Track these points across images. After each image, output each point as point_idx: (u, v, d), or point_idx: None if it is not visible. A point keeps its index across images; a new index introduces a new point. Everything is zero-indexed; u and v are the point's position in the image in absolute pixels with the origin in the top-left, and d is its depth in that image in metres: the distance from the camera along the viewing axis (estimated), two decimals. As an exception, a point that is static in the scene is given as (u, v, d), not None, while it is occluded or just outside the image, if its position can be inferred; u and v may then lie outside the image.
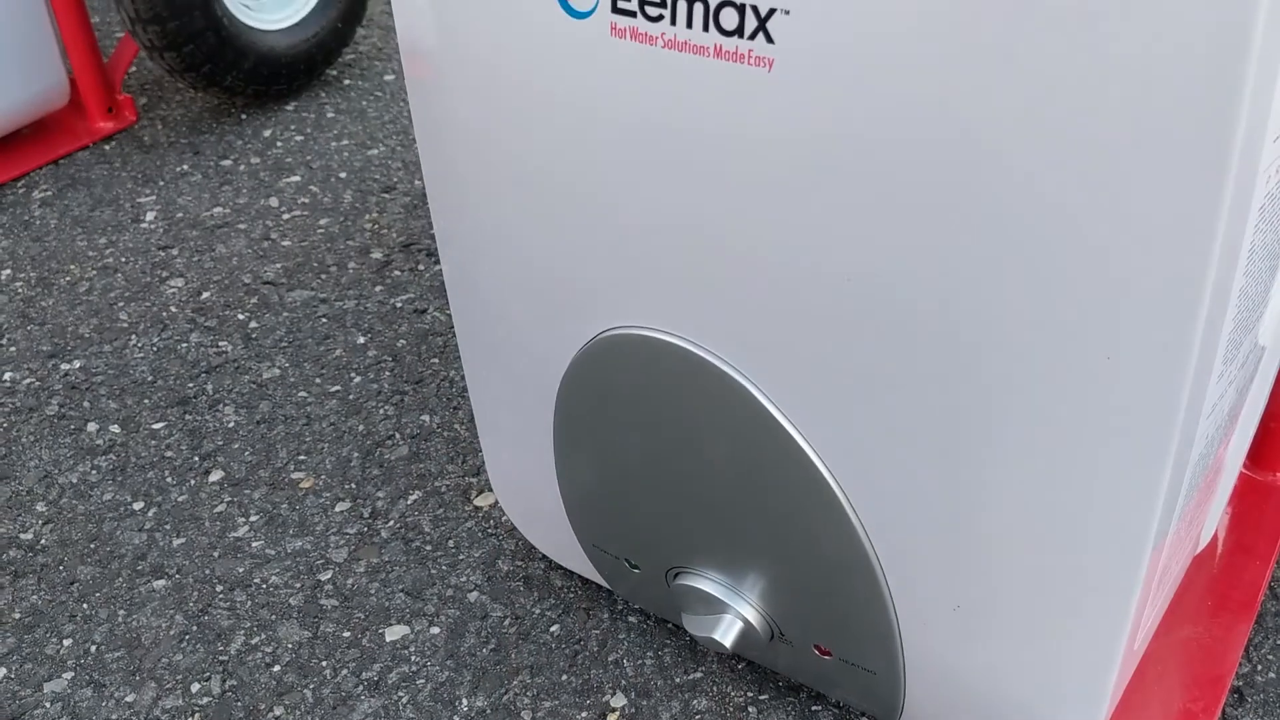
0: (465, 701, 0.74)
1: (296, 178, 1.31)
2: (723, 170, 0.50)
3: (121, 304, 1.13)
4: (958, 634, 0.59)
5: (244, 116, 1.44)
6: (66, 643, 0.80)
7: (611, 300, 0.58)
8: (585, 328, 0.61)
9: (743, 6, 0.46)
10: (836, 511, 0.56)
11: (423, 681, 0.76)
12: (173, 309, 1.12)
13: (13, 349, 1.08)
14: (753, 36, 0.46)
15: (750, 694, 0.74)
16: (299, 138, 1.39)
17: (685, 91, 0.49)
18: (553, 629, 0.79)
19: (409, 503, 0.89)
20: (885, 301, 0.49)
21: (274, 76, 1.42)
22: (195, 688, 0.76)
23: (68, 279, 1.17)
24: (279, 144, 1.38)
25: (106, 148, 1.39)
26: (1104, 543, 0.53)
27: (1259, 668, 0.74)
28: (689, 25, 0.47)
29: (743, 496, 0.60)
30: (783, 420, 0.55)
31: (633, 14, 0.49)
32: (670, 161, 0.51)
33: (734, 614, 0.66)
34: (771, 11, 0.45)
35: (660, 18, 0.48)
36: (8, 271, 1.18)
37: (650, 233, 0.54)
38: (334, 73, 1.53)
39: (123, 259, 1.19)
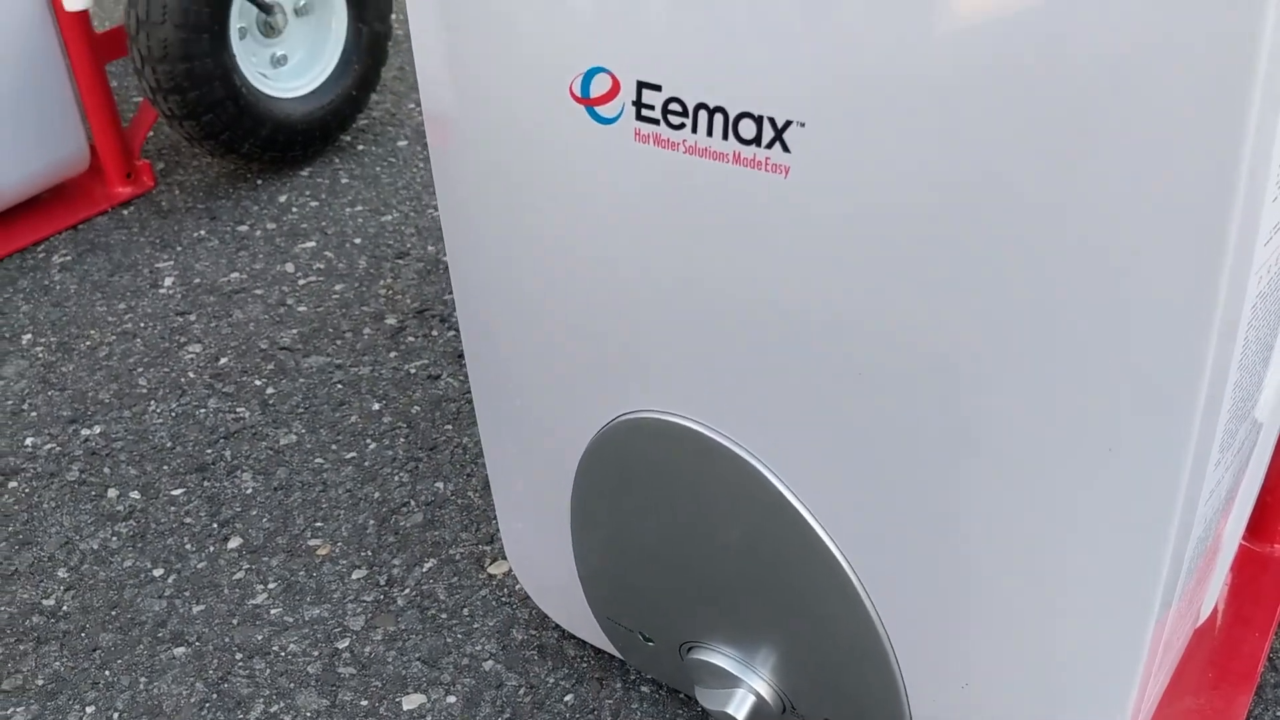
0: (481, 771, 0.76)
1: (312, 243, 1.34)
2: (739, 268, 0.53)
3: (140, 369, 1.15)
4: (966, 710, 0.60)
5: (259, 182, 1.47)
6: (89, 710, 0.81)
7: (631, 385, 0.61)
8: (605, 410, 0.63)
9: (760, 118, 0.48)
10: (849, 593, 0.58)
11: (439, 750, 0.77)
12: (190, 375, 1.14)
13: (34, 414, 1.10)
14: (769, 145, 0.48)
15: (761, 764, 0.75)
16: (314, 203, 1.42)
17: (704, 194, 0.52)
18: (567, 699, 0.80)
19: (424, 570, 0.91)
20: (896, 396, 0.51)
21: (290, 143, 1.45)
22: (216, 756, 0.78)
23: (87, 344, 1.19)
24: (294, 209, 1.41)
25: (125, 213, 1.42)
26: (1108, 624, 0.54)
27: (1260, 739, 0.76)
28: (709, 133, 0.50)
29: (756, 576, 0.62)
30: (796, 504, 0.57)
31: (655, 122, 0.51)
32: (689, 258, 0.54)
33: (746, 688, 0.67)
34: (788, 124, 0.47)
35: (682, 125, 0.50)
36: (28, 336, 1.21)
37: (669, 323, 0.57)
38: (348, 138, 1.56)
39: (141, 324, 1.22)
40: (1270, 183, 0.43)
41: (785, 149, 0.48)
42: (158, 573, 0.92)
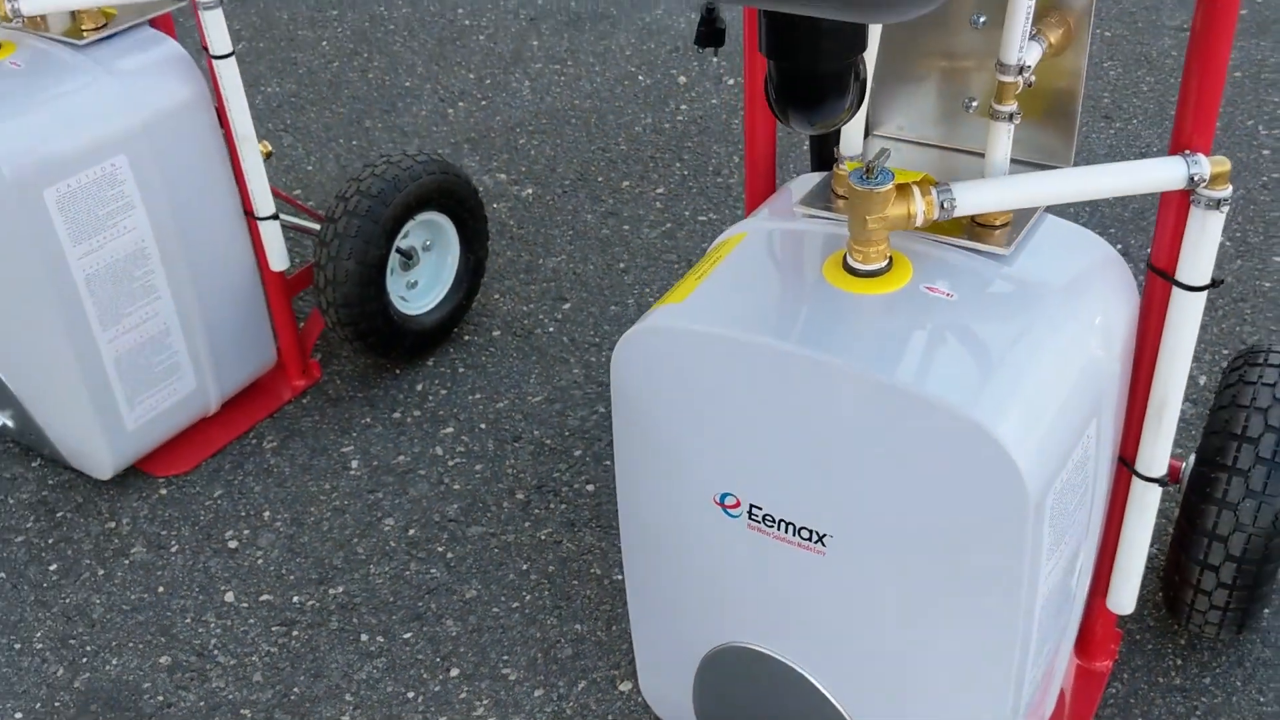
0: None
1: (450, 429, 1.88)
2: (797, 591, 1.08)
3: (356, 539, 1.69)
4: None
5: (398, 372, 2.00)
6: (395, 788, 1.36)
7: (733, 626, 1.16)
8: (715, 638, 1.18)
9: (810, 529, 1.03)
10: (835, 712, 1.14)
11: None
12: (391, 543, 1.68)
13: (291, 577, 1.63)
14: (815, 541, 1.04)
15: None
16: (443, 391, 1.96)
17: (782, 558, 1.07)
18: (682, 772, 1.35)
19: (579, 689, 1.46)
20: (889, 648, 1.07)
21: (421, 345, 1.98)
22: (480, 815, 1.32)
23: (312, 519, 1.73)
24: (430, 397, 1.94)
25: (304, 401, 1.95)
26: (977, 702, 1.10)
27: (1082, 786, 1.33)
28: (784, 530, 1.05)
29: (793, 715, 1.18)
30: (833, 700, 1.13)
31: (759, 521, 1.06)
32: (772, 585, 1.09)
33: (795, 774, 1.23)
34: (824, 535, 1.03)
35: (772, 526, 1.06)
36: (268, 513, 1.74)
37: (759, 608, 1.12)
38: (456, 330, 2.09)
39: (345, 501, 1.75)
40: (1044, 558, 0.98)
41: (822, 544, 1.03)
42: (410, 695, 1.47)
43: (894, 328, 1.01)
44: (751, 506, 1.06)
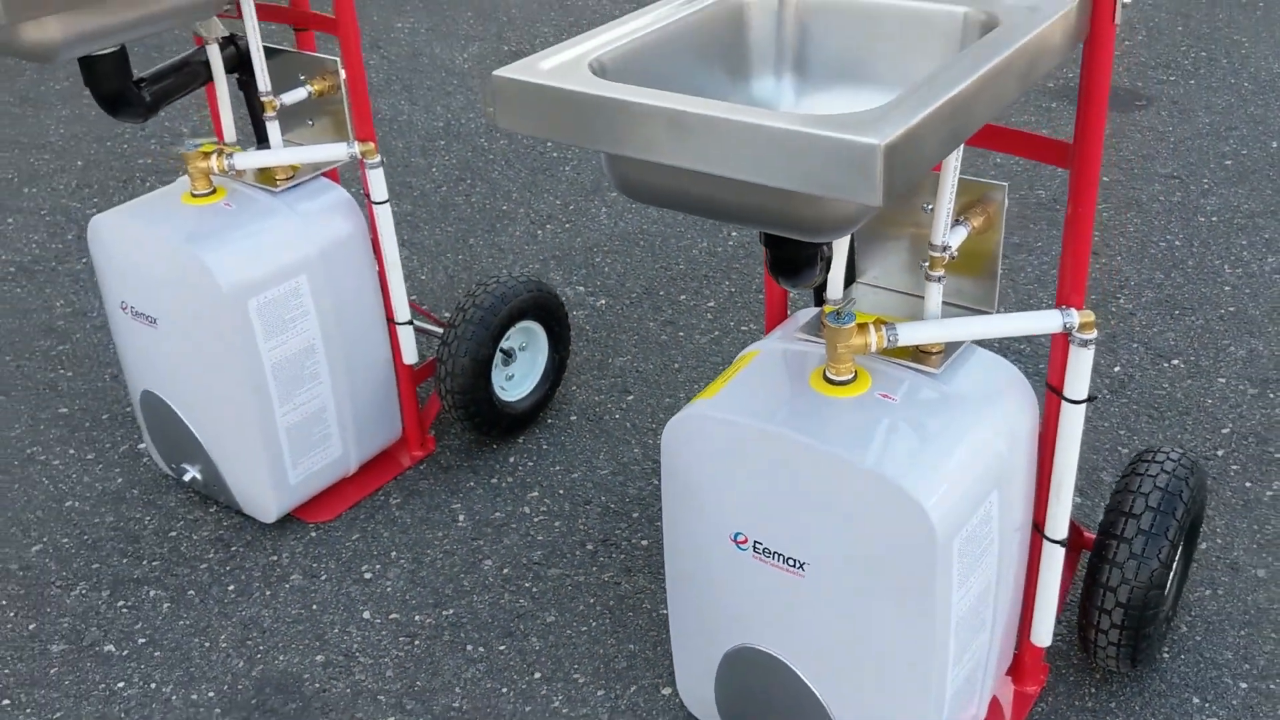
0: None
1: (535, 493, 2.37)
2: (783, 599, 1.54)
3: (462, 575, 2.17)
4: (870, 755, 1.61)
5: (495, 447, 2.50)
6: (492, 753, 1.82)
7: (742, 631, 1.62)
8: (729, 641, 1.65)
9: (794, 559, 1.50)
10: (813, 700, 1.60)
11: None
12: (489, 579, 2.16)
13: (414, 601, 2.12)
14: (797, 567, 1.50)
15: (792, 780, 1.75)
16: (530, 463, 2.45)
17: (775, 578, 1.53)
18: (706, 751, 1.81)
19: (632, 691, 1.92)
20: (848, 646, 1.53)
21: (515, 426, 2.48)
22: (555, 774, 1.78)
23: (428, 558, 2.21)
24: (520, 468, 2.44)
25: (421, 467, 2.45)
26: (912, 688, 1.55)
27: (1007, 773, 1.76)
28: (777, 560, 1.52)
29: (785, 703, 1.63)
30: (811, 686, 1.59)
31: (760, 553, 1.53)
32: (766, 595, 1.56)
33: (787, 746, 1.68)
34: (803, 563, 1.50)
35: (769, 556, 1.53)
36: (394, 553, 2.23)
37: (761, 612, 1.59)
38: (541, 414, 2.58)
39: (453, 546, 2.24)
40: (955, 587, 1.44)
41: (801, 569, 1.50)
42: (503, 690, 1.93)
43: (853, 422, 1.49)
44: (755, 542, 1.53)
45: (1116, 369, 2.65)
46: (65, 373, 2.81)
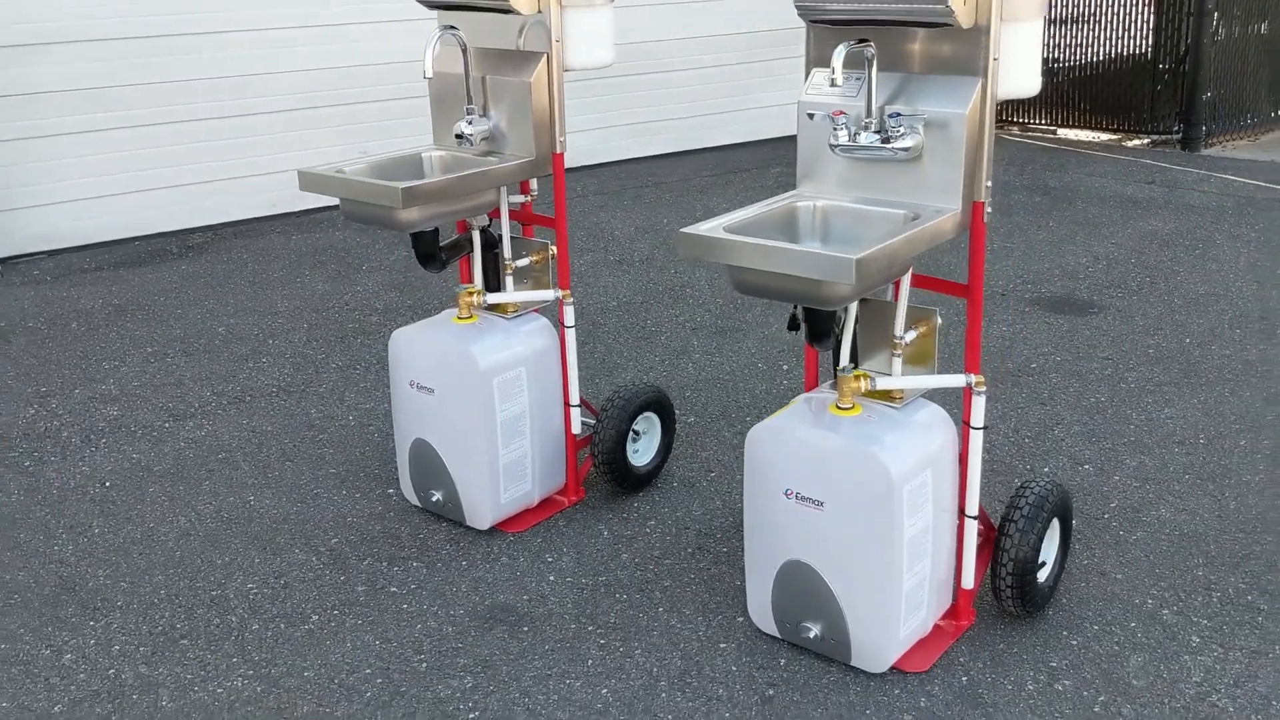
0: None
1: (653, 522, 3.62)
2: (814, 527, 2.80)
3: (609, 561, 3.41)
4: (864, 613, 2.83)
5: (625, 497, 3.77)
6: None
7: (787, 549, 2.87)
8: (780, 558, 2.89)
9: (817, 500, 2.76)
10: (829, 592, 2.83)
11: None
12: (625, 564, 3.40)
13: (579, 572, 3.36)
14: (818, 505, 2.76)
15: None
16: (648, 507, 3.71)
17: (807, 512, 2.79)
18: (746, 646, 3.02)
19: (719, 619, 3.13)
20: (850, 555, 2.78)
21: (639, 484, 3.76)
22: None
23: (586, 555, 3.46)
24: (642, 509, 3.70)
25: (576, 508, 3.72)
26: (876, 592, 2.77)
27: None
28: (808, 502, 2.78)
29: (817, 600, 2.86)
30: (830, 585, 2.82)
31: (799, 499, 2.79)
32: (804, 526, 2.81)
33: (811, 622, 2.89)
34: (822, 502, 2.76)
35: (804, 500, 2.79)
36: (564, 549, 3.48)
37: (800, 535, 2.84)
38: (656, 477, 3.86)
39: (601, 547, 3.49)
40: (905, 518, 2.69)
41: (821, 507, 2.76)
42: (641, 617, 3.15)
43: (852, 428, 2.77)
44: (797, 493, 2.79)
45: (1046, 469, 3.91)
46: (329, 450, 4.15)
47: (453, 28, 3.36)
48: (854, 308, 2.86)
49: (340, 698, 2.85)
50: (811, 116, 2.82)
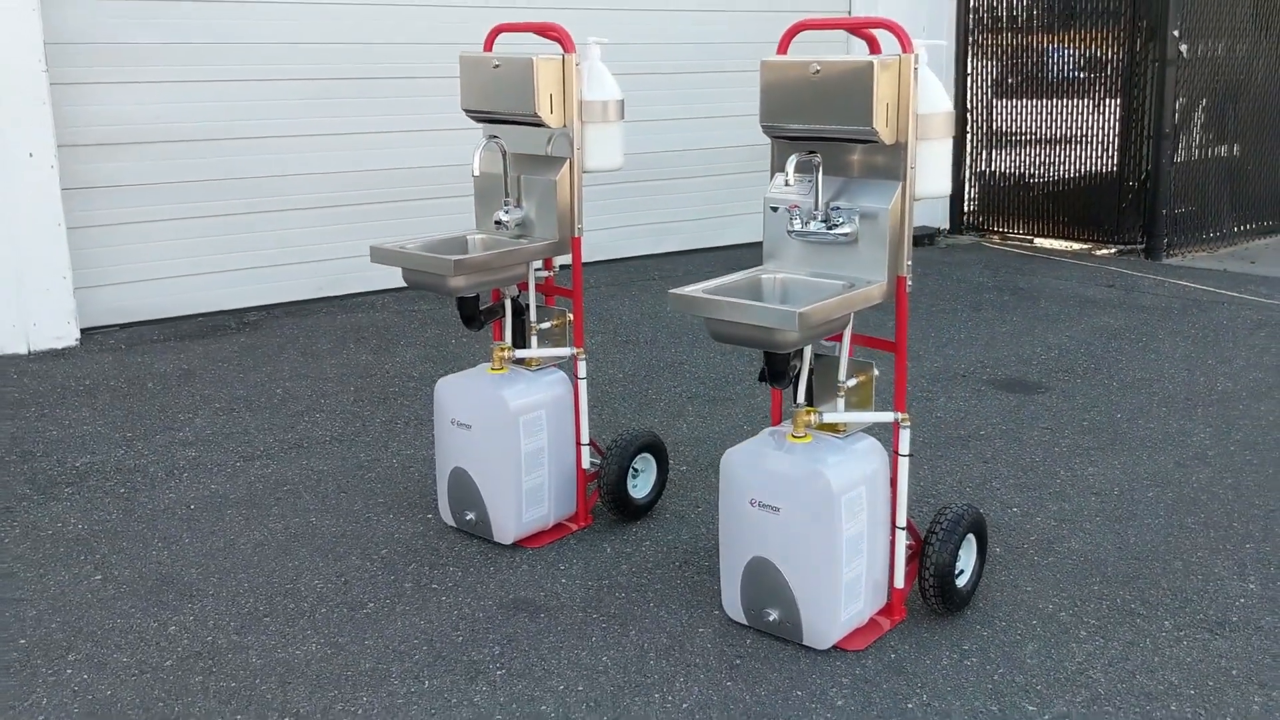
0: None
1: (648, 543, 4.36)
2: (772, 528, 3.54)
3: (610, 570, 4.15)
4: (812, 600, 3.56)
5: (625, 525, 4.51)
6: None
7: (751, 548, 3.61)
8: (747, 554, 3.63)
9: (774, 506, 3.51)
10: (782, 580, 3.57)
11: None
12: (625, 572, 4.14)
13: (587, 577, 4.09)
14: (775, 511, 3.51)
15: (774, 639, 3.69)
16: (644, 531, 4.45)
17: (769, 516, 3.54)
18: (716, 630, 3.74)
19: (696, 614, 3.86)
20: (800, 553, 3.53)
21: (637, 514, 4.51)
22: None
23: (593, 565, 4.20)
24: (640, 533, 4.44)
25: (584, 532, 4.46)
26: (821, 574, 3.51)
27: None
28: (767, 510, 3.53)
29: (772, 590, 3.60)
30: (786, 578, 3.56)
31: (761, 506, 3.55)
32: (765, 527, 3.56)
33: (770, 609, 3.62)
34: (778, 508, 3.51)
35: (765, 507, 3.54)
36: (575, 560, 4.22)
37: (761, 535, 3.59)
38: (652, 509, 4.60)
39: (605, 560, 4.23)
40: (844, 521, 3.44)
41: (777, 511, 3.52)
42: (637, 611, 3.88)
43: (804, 451, 3.54)
44: (760, 501, 3.54)
45: (984, 509, 4.65)
46: (377, 484, 4.92)
47: (495, 137, 4.22)
48: (808, 356, 3.64)
49: (394, 659, 3.58)
50: (775, 209, 3.65)
